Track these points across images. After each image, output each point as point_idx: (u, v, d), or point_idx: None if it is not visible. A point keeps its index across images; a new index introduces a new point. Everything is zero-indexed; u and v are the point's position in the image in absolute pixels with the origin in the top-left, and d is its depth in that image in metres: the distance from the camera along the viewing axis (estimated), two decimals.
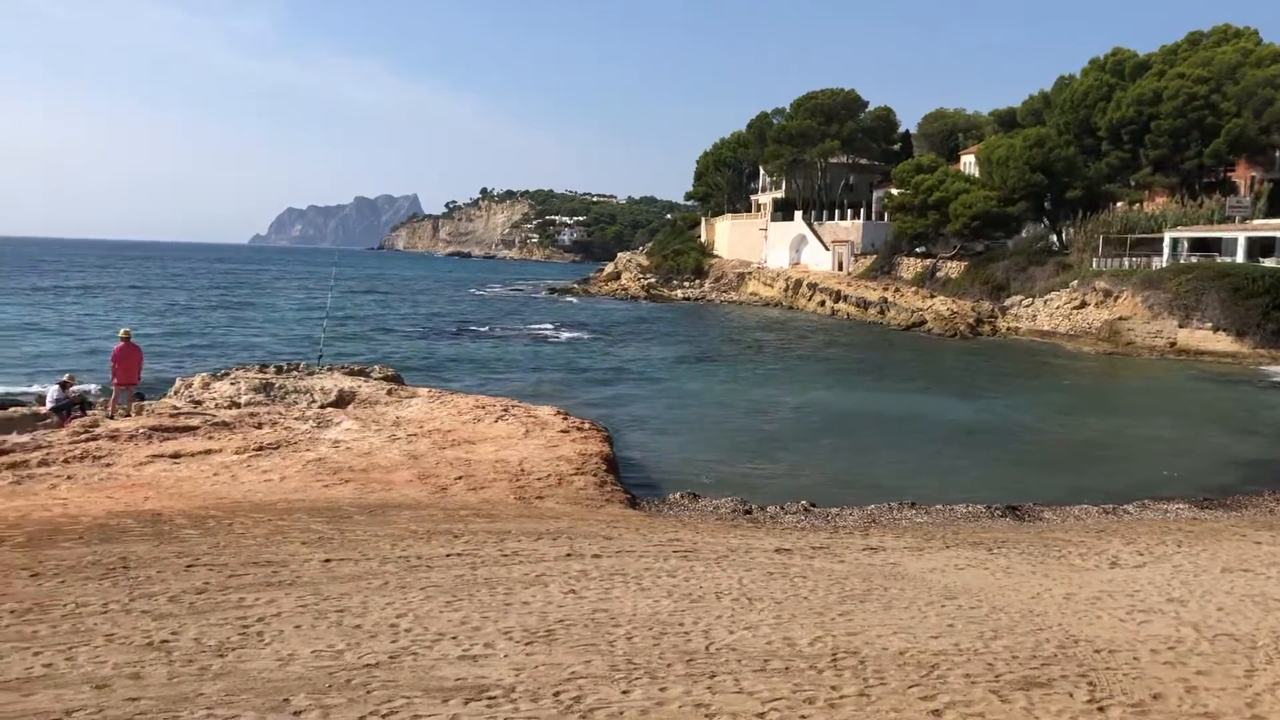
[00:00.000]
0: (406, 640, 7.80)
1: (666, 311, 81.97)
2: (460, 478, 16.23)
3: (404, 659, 7.37)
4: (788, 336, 59.87)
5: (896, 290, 72.53)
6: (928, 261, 75.61)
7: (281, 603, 8.76)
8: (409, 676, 7.01)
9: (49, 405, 20.25)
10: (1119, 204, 67.87)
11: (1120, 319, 54.62)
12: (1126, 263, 59.64)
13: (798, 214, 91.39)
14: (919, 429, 28.87)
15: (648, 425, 27.92)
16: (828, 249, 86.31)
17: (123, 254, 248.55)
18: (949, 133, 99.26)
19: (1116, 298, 56.29)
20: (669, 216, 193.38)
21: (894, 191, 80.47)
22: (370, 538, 11.60)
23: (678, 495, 18.41)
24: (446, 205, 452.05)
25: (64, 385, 20.53)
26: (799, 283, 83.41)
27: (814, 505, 18.12)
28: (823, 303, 77.70)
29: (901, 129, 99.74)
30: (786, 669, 7.41)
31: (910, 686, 7.10)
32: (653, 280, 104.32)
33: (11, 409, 21.38)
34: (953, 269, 72.41)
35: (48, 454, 16.42)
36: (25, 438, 17.57)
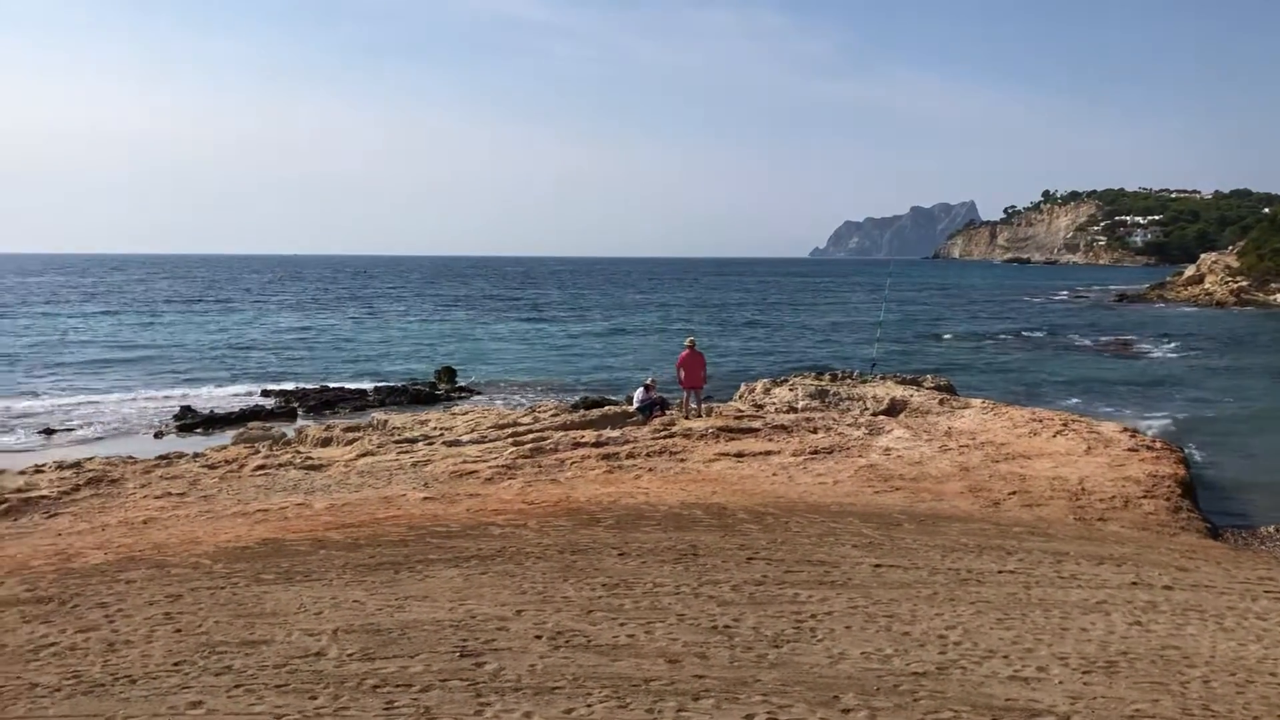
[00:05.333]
0: (955, 653, 7.69)
1: (1263, 319, 72.21)
2: (1014, 493, 15.62)
3: (952, 671, 7.27)
4: None
5: None
6: None
7: (833, 602, 9.05)
8: (957, 690, 6.90)
9: (635, 405, 22.72)
10: None
11: None
12: None
13: None
14: None
15: (1235, 447, 24.83)
16: None
17: (693, 270, 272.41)
18: None
19: None
20: (1266, 210, 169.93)
21: None
22: (920, 547, 11.58)
23: (1272, 528, 16.22)
24: (1005, 210, 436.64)
25: (648, 388, 22.92)
26: None
27: None
28: None
29: None
30: None
31: None
32: (1245, 284, 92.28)
33: (607, 408, 24.34)
34: None
35: (633, 448, 18.46)
36: (617, 433, 19.91)
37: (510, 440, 18.97)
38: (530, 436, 19.30)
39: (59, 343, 57.39)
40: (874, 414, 22.68)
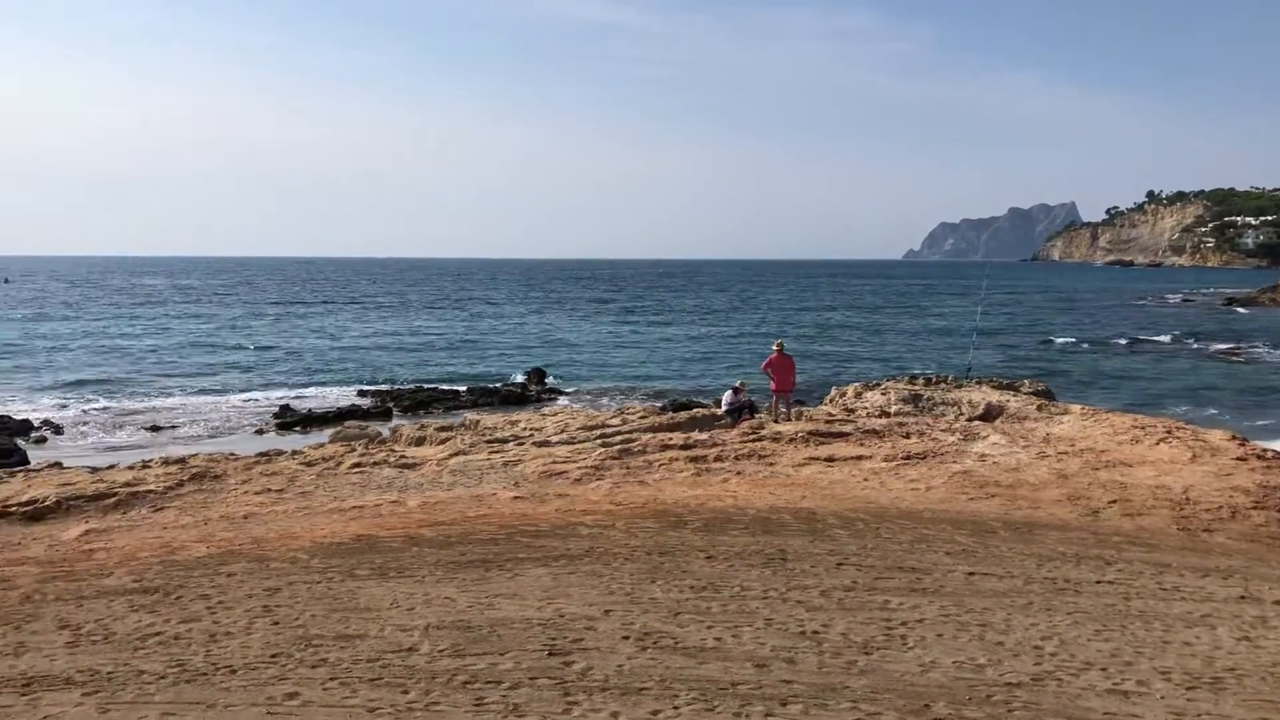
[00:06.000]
0: (1050, 664, 7.50)
1: None
2: (1114, 501, 15.18)
3: (1047, 683, 7.09)
4: None
5: None
6: None
7: (924, 609, 8.90)
8: (1052, 701, 6.73)
9: (724, 408, 22.65)
10: None
11: None
12: None
13: None
14: None
15: None
16: None
17: (784, 272, 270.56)
18: None
19: None
20: None
21: None
22: (1015, 555, 11.33)
23: None
24: (1107, 211, 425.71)
25: (737, 390, 22.82)
26: None
27: None
28: None
29: None
30: None
31: None
32: None
33: (695, 410, 24.31)
34: None
35: (721, 451, 18.40)
36: (705, 436, 19.87)
37: (599, 441, 19.07)
38: (618, 438, 19.38)
39: (166, 344, 59.48)
40: (969, 419, 22.27)
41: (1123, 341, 61.43)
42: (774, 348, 22.86)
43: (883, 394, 24.62)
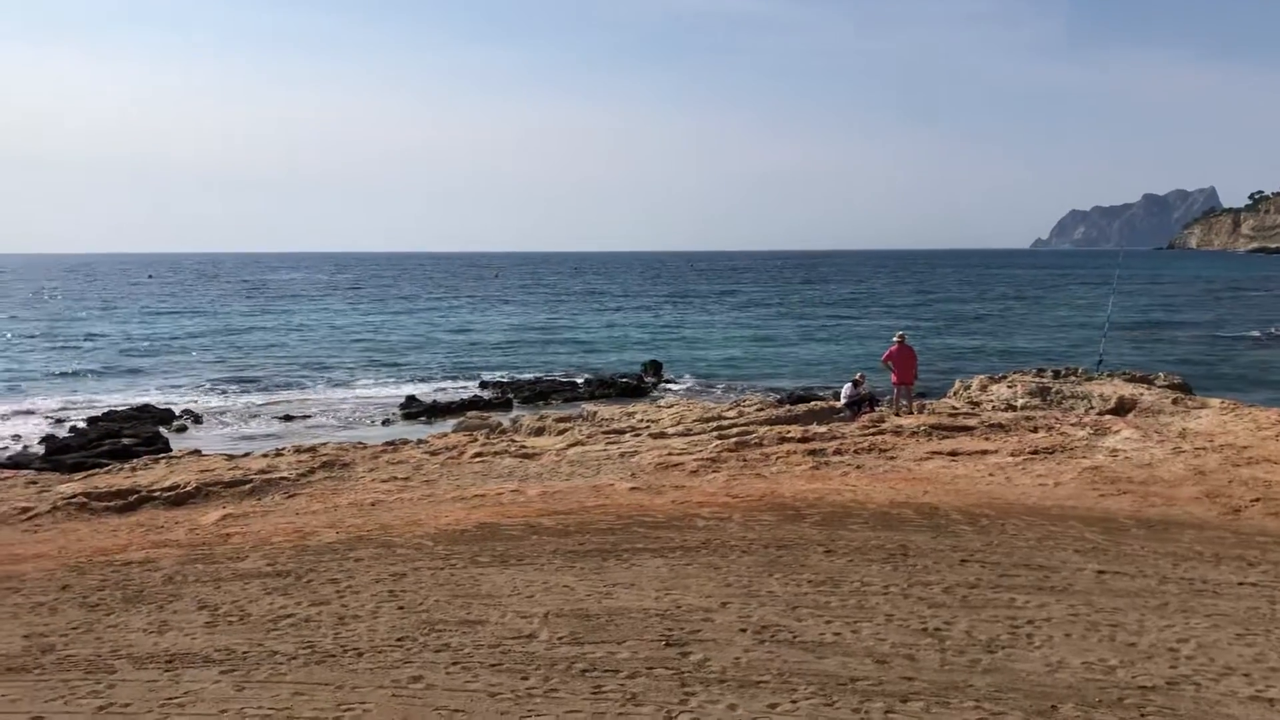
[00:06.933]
0: (1187, 668, 7.20)
1: None
2: (1257, 500, 14.45)
3: (1183, 687, 6.81)
4: None
5: None
6: None
7: (1052, 608, 8.64)
8: (1190, 707, 6.46)
9: (843, 401, 22.35)
10: None
11: None
12: None
13: None
14: None
15: None
16: None
17: (910, 263, 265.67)
18: None
19: None
20: None
21: None
22: (1148, 554, 10.90)
23: None
24: (1250, 196, 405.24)
25: (856, 384, 22.50)
26: None
27: None
28: None
29: None
30: None
31: None
32: None
33: (813, 403, 24.05)
34: None
35: (841, 444, 18.15)
36: (824, 429, 19.64)
37: (715, 434, 19.03)
38: (735, 430, 19.30)
39: (299, 338, 61.65)
40: (1099, 413, 21.49)
41: (1268, 334, 58.50)
42: (895, 339, 22.39)
43: (1009, 387, 23.95)
